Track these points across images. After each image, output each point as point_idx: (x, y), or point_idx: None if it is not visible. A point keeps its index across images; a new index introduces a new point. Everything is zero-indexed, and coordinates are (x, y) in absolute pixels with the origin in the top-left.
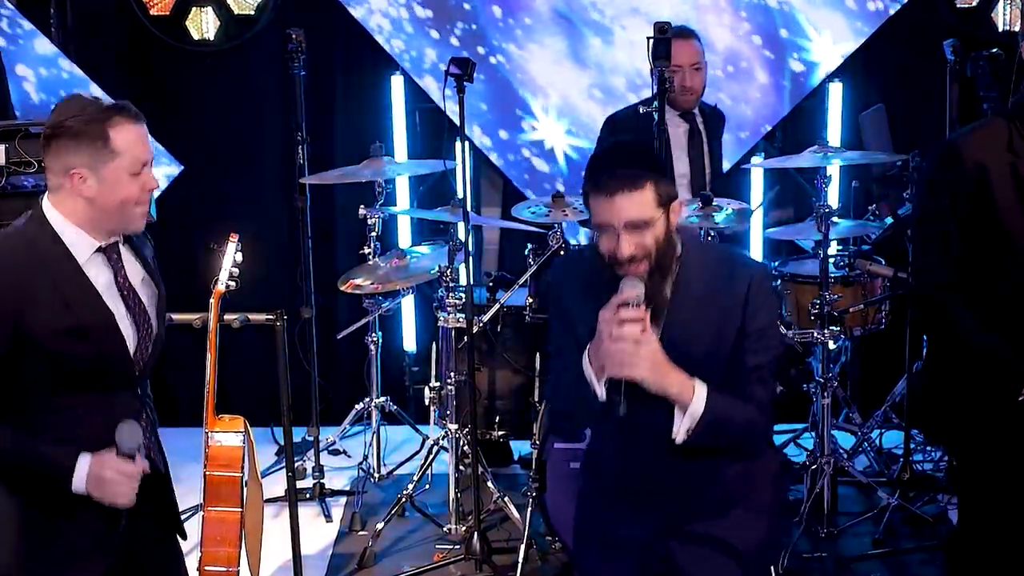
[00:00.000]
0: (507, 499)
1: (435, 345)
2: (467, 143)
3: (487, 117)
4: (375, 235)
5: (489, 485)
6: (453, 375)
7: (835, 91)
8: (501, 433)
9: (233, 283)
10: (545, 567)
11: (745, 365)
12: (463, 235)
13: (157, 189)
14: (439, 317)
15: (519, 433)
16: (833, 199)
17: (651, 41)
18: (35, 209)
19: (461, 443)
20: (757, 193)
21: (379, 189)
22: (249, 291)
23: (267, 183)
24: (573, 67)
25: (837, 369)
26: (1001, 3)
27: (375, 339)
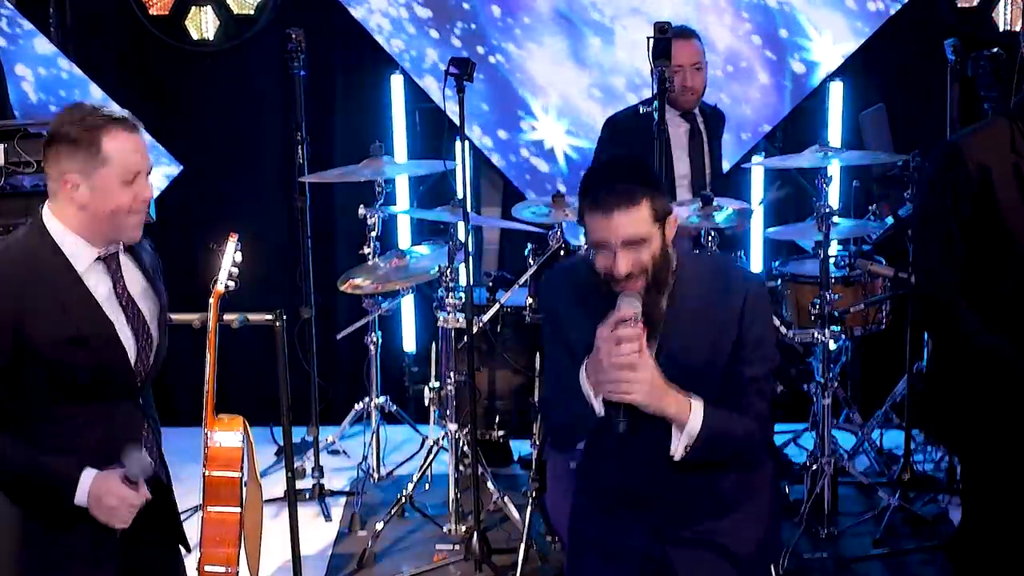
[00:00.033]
0: (507, 499)
1: (435, 345)
2: (467, 143)
3: (487, 117)
4: (375, 235)
5: (489, 485)
6: (453, 375)
7: (835, 91)
8: (501, 433)
9: (232, 283)
10: (545, 567)
11: (742, 377)
12: (463, 235)
13: (152, 197)
14: (439, 317)
15: (519, 433)
16: (833, 199)
17: (651, 41)
18: (35, 218)
19: (461, 443)
20: (757, 193)
21: (379, 189)
22: (248, 291)
23: (267, 183)
24: (573, 67)
25: (837, 369)
26: (1001, 3)
27: (375, 339)
